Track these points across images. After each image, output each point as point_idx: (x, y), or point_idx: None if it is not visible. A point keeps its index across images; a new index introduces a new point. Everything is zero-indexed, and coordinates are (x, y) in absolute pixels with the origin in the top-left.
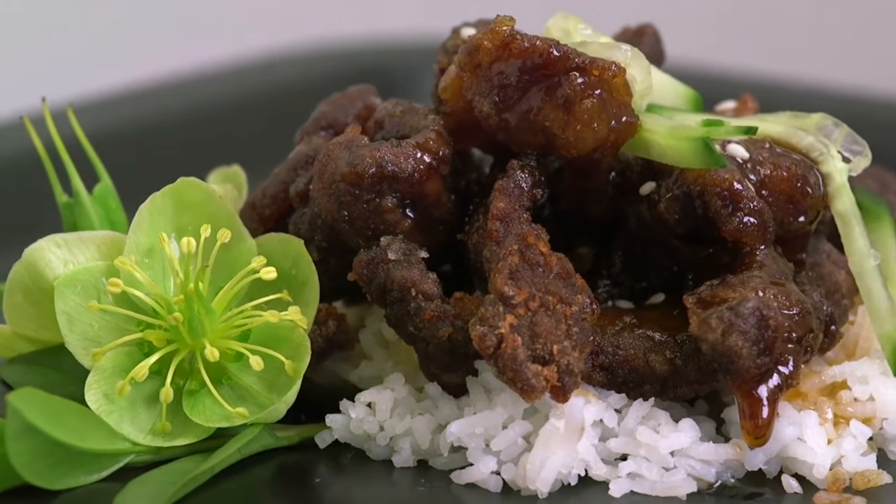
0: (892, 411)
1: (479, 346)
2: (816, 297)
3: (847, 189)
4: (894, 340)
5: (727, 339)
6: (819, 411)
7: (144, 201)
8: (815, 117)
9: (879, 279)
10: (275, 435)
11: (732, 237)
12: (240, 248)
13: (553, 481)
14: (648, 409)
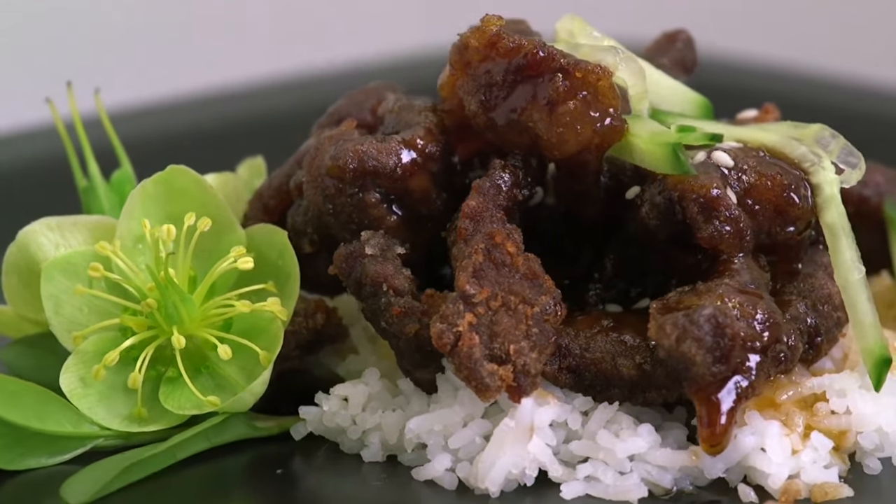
0: (867, 425)
1: (437, 344)
2: (801, 309)
3: (836, 200)
4: (876, 354)
5: (681, 346)
6: (788, 422)
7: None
8: (814, 128)
9: (864, 292)
10: (253, 425)
11: (707, 244)
12: (229, 238)
13: (503, 481)
14: (613, 412)
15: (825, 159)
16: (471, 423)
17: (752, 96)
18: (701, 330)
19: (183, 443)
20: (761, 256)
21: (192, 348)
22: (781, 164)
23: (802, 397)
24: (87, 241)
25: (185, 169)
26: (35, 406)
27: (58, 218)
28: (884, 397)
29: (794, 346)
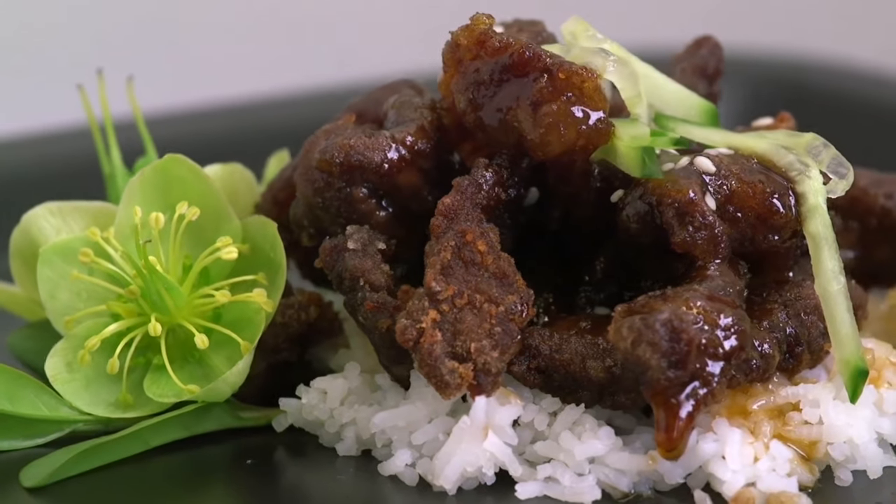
0: (837, 436)
1: (400, 339)
2: (781, 318)
3: (820, 210)
4: (853, 366)
5: (636, 349)
6: (755, 430)
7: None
8: (807, 137)
9: (844, 303)
10: (239, 416)
11: (681, 249)
12: (225, 228)
13: (458, 478)
14: (579, 415)
15: (812, 169)
16: (435, 420)
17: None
18: (656, 334)
19: (155, 430)
20: (742, 264)
21: (182, 337)
22: (768, 172)
23: (777, 406)
24: (88, 226)
25: (182, 158)
26: (7, 389)
27: (60, 203)
28: (858, 409)
29: (768, 354)
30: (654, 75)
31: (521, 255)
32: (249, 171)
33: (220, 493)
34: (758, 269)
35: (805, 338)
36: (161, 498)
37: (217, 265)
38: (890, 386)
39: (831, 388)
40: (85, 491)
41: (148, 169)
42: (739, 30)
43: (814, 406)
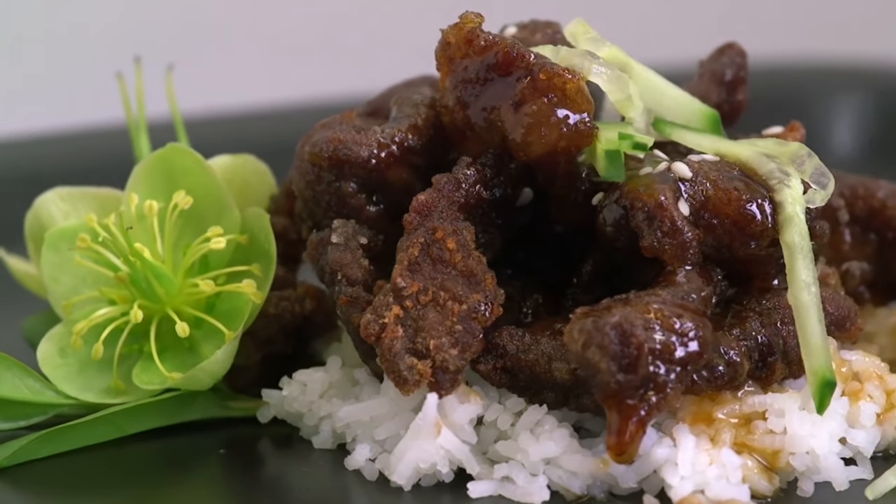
0: (800, 447)
1: (363, 334)
2: (754, 326)
3: (797, 220)
4: (821, 376)
5: (586, 352)
6: (716, 437)
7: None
8: (793, 146)
9: (815, 313)
10: (227, 405)
11: (649, 253)
12: (226, 219)
13: (411, 474)
14: (541, 415)
15: (793, 178)
16: (398, 416)
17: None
18: (605, 337)
19: (131, 416)
20: (715, 271)
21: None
22: (748, 180)
23: (744, 414)
24: (96, 212)
25: (184, 148)
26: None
27: (70, 188)
28: (824, 420)
29: (735, 362)
30: (655, 80)
31: (519, 255)
32: (264, 163)
33: (183, 482)
34: (742, 276)
35: (780, 347)
36: (122, 485)
37: (216, 255)
38: (871, 399)
39: (798, 398)
40: (50, 473)
41: (151, 157)
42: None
43: (779, 416)
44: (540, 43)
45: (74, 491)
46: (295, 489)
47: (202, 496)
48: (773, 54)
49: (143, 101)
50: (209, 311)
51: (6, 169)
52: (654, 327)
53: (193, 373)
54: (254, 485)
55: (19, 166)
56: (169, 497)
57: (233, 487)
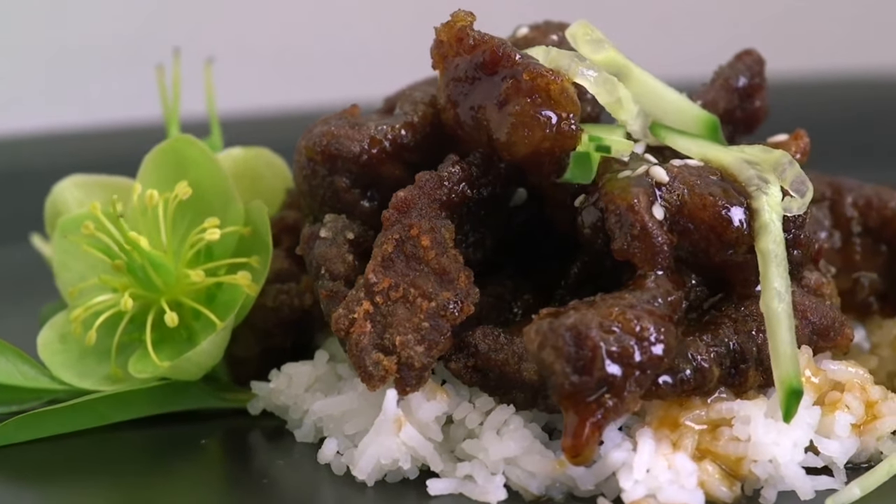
0: (762, 454)
1: (334, 328)
2: (726, 333)
3: (772, 227)
4: (789, 385)
5: (541, 353)
6: (677, 442)
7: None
8: (776, 154)
9: (786, 322)
10: (222, 396)
11: (620, 256)
12: (230, 211)
13: (373, 470)
14: (508, 415)
15: (772, 186)
16: (366, 411)
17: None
18: (560, 339)
19: (113, 403)
20: (689, 276)
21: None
22: (727, 186)
23: (711, 420)
24: (107, 201)
25: (192, 139)
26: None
27: (86, 176)
28: (790, 429)
29: (704, 368)
30: (653, 84)
31: (514, 255)
32: (280, 157)
33: (154, 471)
34: (724, 283)
35: (753, 355)
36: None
37: (221, 246)
38: (848, 409)
39: (763, 406)
40: (27, 459)
41: (160, 147)
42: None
43: (745, 423)
44: (552, 45)
45: (45, 477)
46: (263, 481)
47: (161, 485)
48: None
49: (179, 92)
50: (210, 303)
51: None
52: (614, 330)
53: (180, 362)
54: (223, 476)
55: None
56: (133, 486)
57: (200, 477)
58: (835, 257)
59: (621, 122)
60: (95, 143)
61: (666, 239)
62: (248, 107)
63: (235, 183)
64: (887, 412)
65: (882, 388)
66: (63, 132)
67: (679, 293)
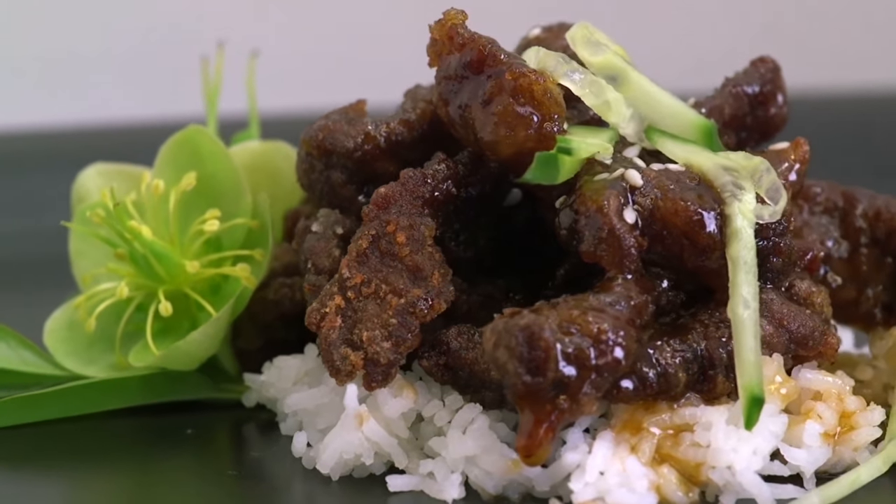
0: (721, 461)
1: (307, 322)
2: (696, 338)
3: (743, 234)
4: (751, 392)
5: (495, 352)
6: (636, 446)
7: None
8: (755, 161)
9: (751, 329)
10: (220, 387)
11: (588, 259)
12: (240, 203)
13: (336, 464)
14: (476, 413)
15: (747, 193)
16: (336, 406)
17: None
18: (513, 339)
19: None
20: (661, 281)
21: (182, 306)
22: (704, 192)
23: (675, 425)
24: (128, 190)
25: (204, 130)
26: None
27: (108, 165)
28: (752, 437)
29: (669, 373)
30: (650, 88)
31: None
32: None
33: (131, 459)
34: (704, 289)
35: (723, 361)
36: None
37: (229, 238)
38: (820, 419)
39: (725, 413)
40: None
41: (174, 138)
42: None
43: (706, 429)
44: (562, 47)
45: (13, 462)
46: (229, 472)
47: (125, 471)
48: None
49: (220, 85)
50: (214, 294)
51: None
52: (572, 332)
53: (171, 351)
54: (191, 466)
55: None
56: (93, 473)
57: (168, 465)
58: (842, 267)
59: (612, 124)
60: (139, 136)
61: (634, 242)
62: (292, 105)
63: (252, 176)
64: (864, 423)
65: (860, 399)
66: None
67: (644, 297)
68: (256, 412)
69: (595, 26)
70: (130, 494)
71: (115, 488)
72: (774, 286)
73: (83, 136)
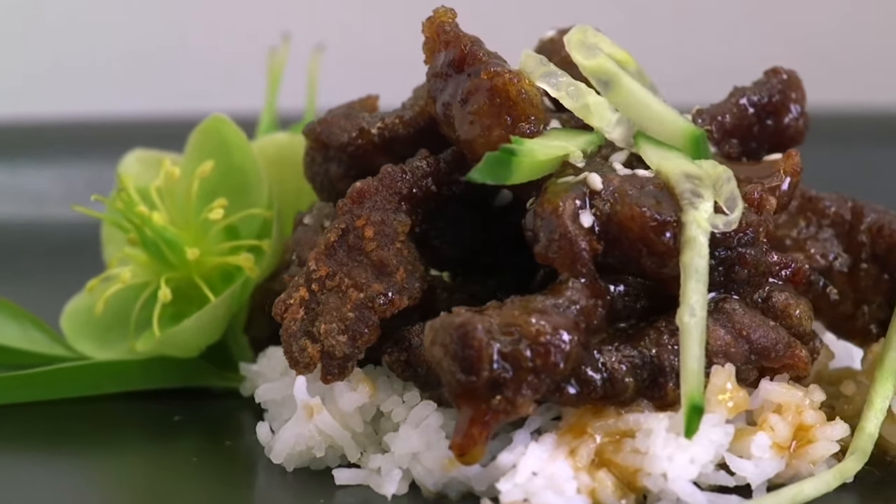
0: (656, 468)
1: (273, 312)
2: (647, 344)
3: (696, 242)
4: (692, 400)
5: (432, 349)
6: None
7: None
8: (719, 169)
9: (696, 337)
10: (223, 375)
11: (541, 260)
12: (257, 193)
13: (287, 455)
14: (431, 410)
15: (705, 201)
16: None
17: None
18: (448, 337)
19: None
20: (617, 287)
21: (193, 293)
22: (664, 198)
23: (620, 430)
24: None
25: (226, 120)
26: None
27: (146, 151)
28: (690, 445)
29: (615, 379)
30: (640, 94)
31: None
32: None
33: (100, 441)
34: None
35: (674, 369)
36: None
37: (247, 228)
38: (772, 431)
39: (666, 420)
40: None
41: (200, 126)
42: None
43: (647, 435)
44: None
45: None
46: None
47: (88, 454)
48: None
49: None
50: (227, 282)
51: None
52: (513, 332)
53: (166, 337)
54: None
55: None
56: (57, 456)
57: (135, 450)
58: (843, 282)
59: (597, 128)
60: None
61: (586, 246)
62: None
63: (279, 168)
64: (822, 437)
65: (820, 414)
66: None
67: (593, 301)
68: (252, 401)
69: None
70: (73, 477)
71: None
72: (742, 296)
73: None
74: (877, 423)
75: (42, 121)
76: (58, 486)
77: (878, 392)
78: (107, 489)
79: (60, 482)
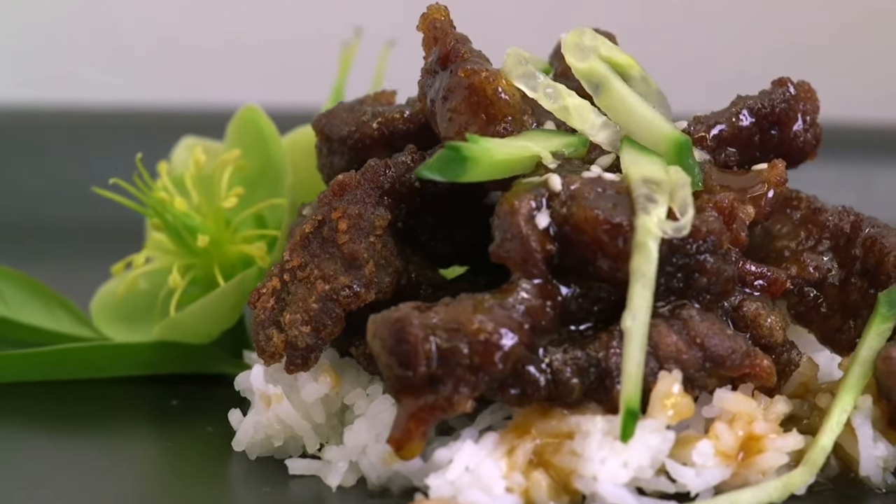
0: (588, 470)
1: (248, 301)
2: (596, 346)
3: (645, 248)
4: (629, 404)
5: (372, 342)
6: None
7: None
8: (679, 175)
9: (637, 342)
10: (234, 362)
11: (495, 259)
12: (280, 184)
13: (248, 443)
14: (389, 405)
15: (659, 206)
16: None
17: None
18: (385, 331)
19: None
20: (568, 289)
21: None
22: (620, 202)
23: (562, 432)
24: (205, 164)
25: (257, 109)
26: (25, 299)
27: (194, 139)
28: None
29: (560, 380)
30: (629, 99)
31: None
32: None
33: (89, 423)
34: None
35: (620, 372)
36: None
37: (274, 216)
38: (717, 440)
39: (602, 423)
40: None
41: (236, 116)
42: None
43: (584, 437)
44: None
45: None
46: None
47: (70, 433)
48: None
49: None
50: (244, 269)
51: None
52: (454, 328)
53: (169, 322)
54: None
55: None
56: (37, 434)
57: (116, 434)
58: (834, 295)
59: (580, 131)
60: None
61: (538, 247)
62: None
63: (310, 160)
64: (771, 448)
65: (772, 425)
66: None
67: (541, 302)
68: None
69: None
70: (44, 457)
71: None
72: (707, 304)
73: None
74: (832, 435)
75: (98, 106)
76: (64, 465)
77: (838, 405)
78: (105, 470)
79: (65, 461)
